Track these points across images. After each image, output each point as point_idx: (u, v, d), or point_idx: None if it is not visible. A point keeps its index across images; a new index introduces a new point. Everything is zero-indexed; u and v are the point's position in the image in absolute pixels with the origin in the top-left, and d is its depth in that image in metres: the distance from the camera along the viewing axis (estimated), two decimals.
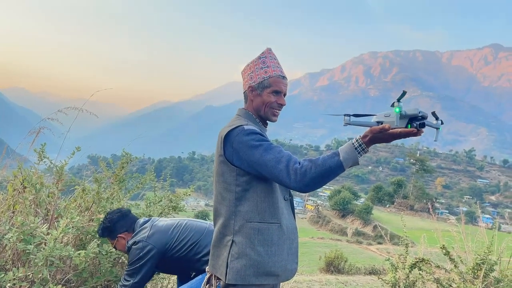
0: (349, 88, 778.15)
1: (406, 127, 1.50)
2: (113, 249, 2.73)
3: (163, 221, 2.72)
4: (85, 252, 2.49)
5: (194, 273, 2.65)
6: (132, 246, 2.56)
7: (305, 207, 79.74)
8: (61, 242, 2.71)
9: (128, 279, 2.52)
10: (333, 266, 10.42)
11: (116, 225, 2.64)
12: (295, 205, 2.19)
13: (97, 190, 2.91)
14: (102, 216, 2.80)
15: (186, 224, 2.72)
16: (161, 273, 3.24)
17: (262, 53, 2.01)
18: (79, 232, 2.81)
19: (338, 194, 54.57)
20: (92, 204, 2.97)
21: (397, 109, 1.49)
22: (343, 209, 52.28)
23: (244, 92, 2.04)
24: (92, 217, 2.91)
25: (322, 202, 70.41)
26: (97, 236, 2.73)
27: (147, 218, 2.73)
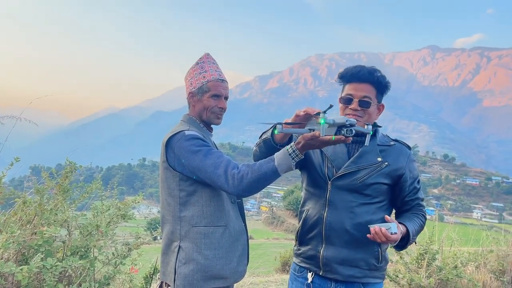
0: (298, 90, 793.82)
1: (336, 134, 1.59)
2: (59, 263, 2.62)
3: None
4: (28, 267, 2.37)
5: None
6: None
7: (259, 208, 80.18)
8: (1, 258, 2.56)
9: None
10: (289, 266, 10.55)
11: None
12: (249, 207, 2.19)
13: (39, 201, 2.78)
14: (45, 228, 2.68)
15: None
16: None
17: (200, 58, 2.02)
18: (20, 247, 2.67)
19: (292, 194, 55.33)
20: (35, 217, 2.82)
21: (322, 121, 1.57)
22: (297, 209, 52.61)
23: (187, 98, 2.05)
24: (35, 230, 2.77)
25: (276, 203, 71.05)
26: (41, 250, 2.61)
27: None
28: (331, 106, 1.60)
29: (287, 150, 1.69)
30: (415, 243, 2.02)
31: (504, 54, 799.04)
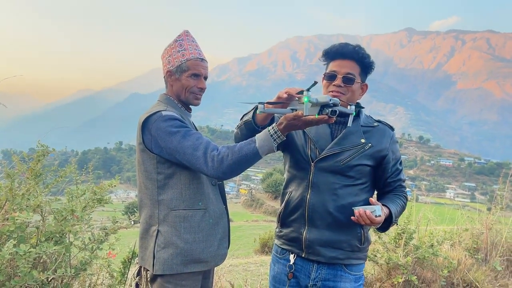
0: (277, 72, 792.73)
1: (319, 114, 1.53)
2: (32, 249, 2.54)
3: None
4: (0, 254, 2.28)
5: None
6: None
7: (239, 191, 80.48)
8: None
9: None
10: (268, 247, 10.64)
11: None
12: (229, 189, 2.13)
13: (10, 186, 2.67)
14: (17, 214, 2.59)
15: None
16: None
17: (179, 35, 1.93)
18: None
19: (271, 176, 55.61)
20: (6, 202, 2.72)
21: (306, 99, 1.51)
22: (276, 191, 53.42)
23: (164, 77, 1.96)
24: (6, 216, 2.68)
25: (255, 186, 71.38)
26: (13, 236, 2.52)
27: None
28: (315, 83, 1.54)
29: (269, 131, 1.64)
30: (396, 224, 2.02)
31: (478, 37, 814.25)
